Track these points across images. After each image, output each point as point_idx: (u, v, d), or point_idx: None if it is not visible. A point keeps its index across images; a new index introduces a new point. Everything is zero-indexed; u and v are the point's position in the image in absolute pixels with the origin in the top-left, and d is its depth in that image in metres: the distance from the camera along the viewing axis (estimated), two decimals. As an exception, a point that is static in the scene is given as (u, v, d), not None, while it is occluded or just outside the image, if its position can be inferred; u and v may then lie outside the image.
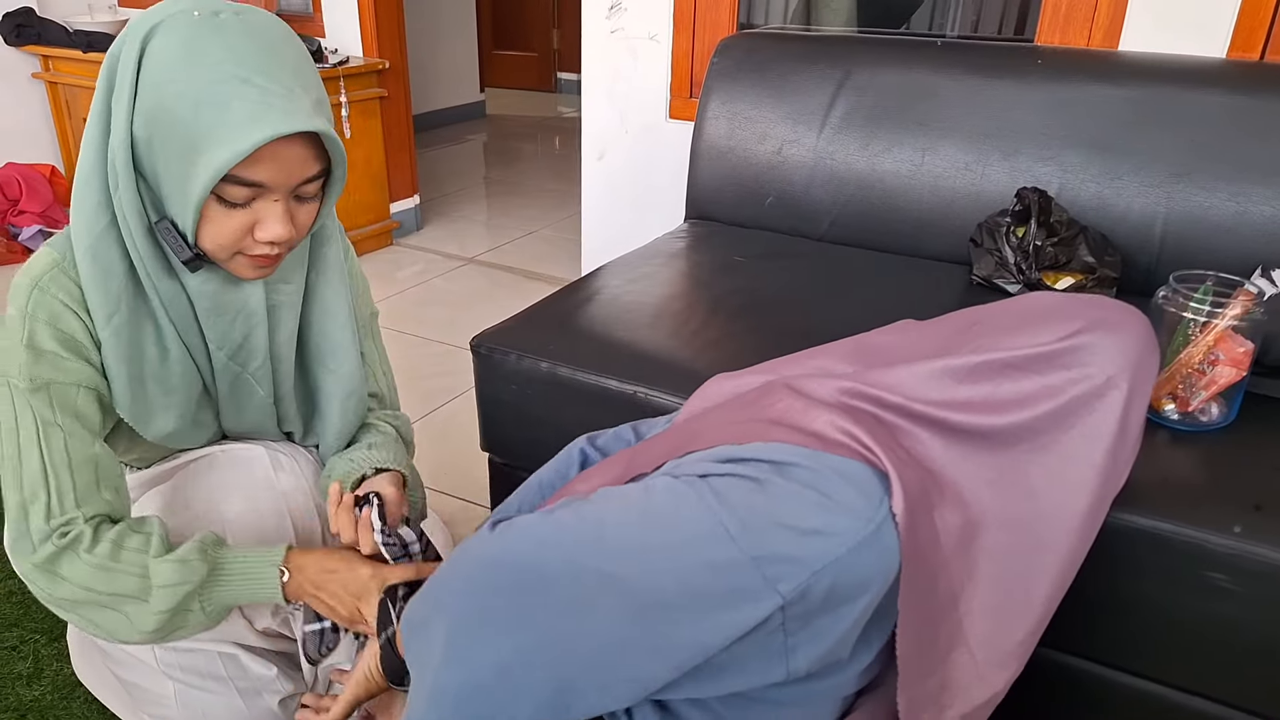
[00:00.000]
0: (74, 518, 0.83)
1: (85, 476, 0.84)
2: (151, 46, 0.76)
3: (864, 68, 1.63)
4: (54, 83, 3.07)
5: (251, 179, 0.78)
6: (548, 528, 0.67)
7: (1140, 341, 0.83)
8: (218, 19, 0.76)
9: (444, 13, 4.74)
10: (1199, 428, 1.03)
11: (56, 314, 0.83)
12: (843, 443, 0.74)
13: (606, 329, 1.31)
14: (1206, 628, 0.92)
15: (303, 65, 0.80)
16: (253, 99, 0.74)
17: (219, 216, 0.80)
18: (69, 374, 0.84)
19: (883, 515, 0.70)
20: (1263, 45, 1.52)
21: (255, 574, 0.89)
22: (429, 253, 3.09)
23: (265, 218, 0.80)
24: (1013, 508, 0.79)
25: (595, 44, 2.14)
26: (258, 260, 0.84)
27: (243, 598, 0.90)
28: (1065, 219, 1.37)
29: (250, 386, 0.97)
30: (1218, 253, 1.35)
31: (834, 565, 0.66)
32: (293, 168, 0.79)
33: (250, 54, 0.76)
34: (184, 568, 0.85)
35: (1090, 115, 1.44)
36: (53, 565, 0.82)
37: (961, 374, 0.81)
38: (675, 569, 0.63)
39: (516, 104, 5.68)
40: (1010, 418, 0.80)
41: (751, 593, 0.64)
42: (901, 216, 1.58)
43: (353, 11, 2.92)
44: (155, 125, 0.77)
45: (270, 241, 0.82)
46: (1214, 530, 0.89)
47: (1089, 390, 0.80)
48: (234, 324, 0.91)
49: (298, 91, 0.77)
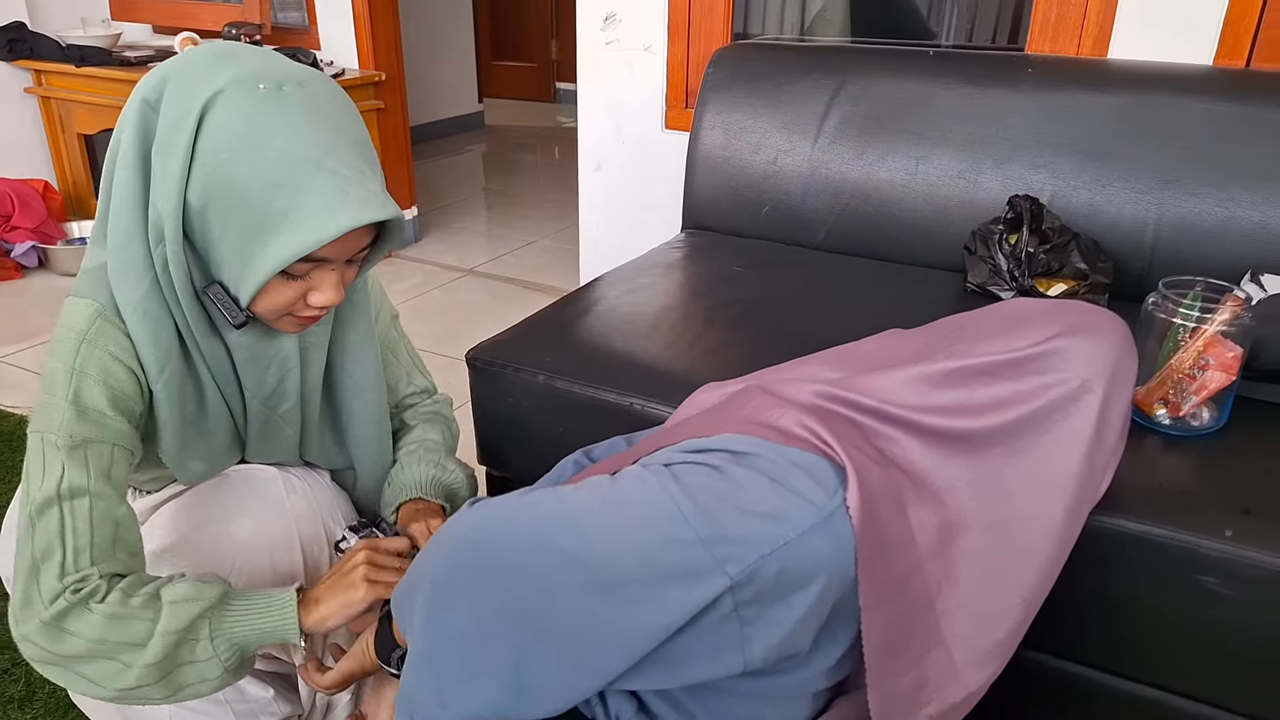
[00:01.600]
0: (89, 574, 0.78)
1: (104, 537, 0.80)
2: (212, 118, 0.74)
3: (857, 77, 1.64)
4: (47, 97, 3.08)
5: (319, 256, 0.78)
6: (519, 506, 0.70)
7: (1116, 346, 0.84)
8: (282, 93, 0.75)
9: (442, 24, 4.76)
10: (1190, 432, 1.04)
11: (108, 369, 0.82)
12: (803, 437, 0.76)
13: (603, 340, 1.32)
14: (1199, 631, 0.93)
15: (364, 140, 0.81)
16: (329, 187, 0.75)
17: (278, 288, 0.80)
18: (109, 433, 0.82)
19: (835, 505, 0.72)
20: (1248, 52, 1.53)
21: (269, 604, 0.84)
22: (428, 264, 3.10)
23: (321, 285, 0.81)
24: (991, 510, 0.80)
25: (591, 55, 2.15)
26: (303, 320, 0.85)
27: (256, 630, 0.83)
28: (1057, 226, 1.38)
29: (279, 427, 0.98)
30: (1208, 258, 1.36)
31: (783, 550, 0.68)
32: (354, 243, 0.81)
33: (319, 134, 0.75)
34: (197, 586, 0.82)
35: (1081, 123, 1.46)
36: (60, 622, 0.77)
37: (938, 379, 0.83)
38: (633, 548, 0.66)
39: (515, 114, 5.70)
40: (986, 421, 0.81)
41: (701, 572, 0.65)
42: (897, 225, 1.59)
43: (348, 24, 2.94)
44: (215, 198, 0.75)
45: (322, 306, 0.83)
46: (1206, 534, 0.90)
47: (1063, 395, 0.81)
48: (268, 371, 0.92)
49: (367, 173, 0.77)
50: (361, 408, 1.02)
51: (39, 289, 2.81)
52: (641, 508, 0.69)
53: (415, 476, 1.06)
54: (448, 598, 0.66)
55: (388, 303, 1.13)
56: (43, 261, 2.92)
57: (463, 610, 0.66)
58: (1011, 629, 0.81)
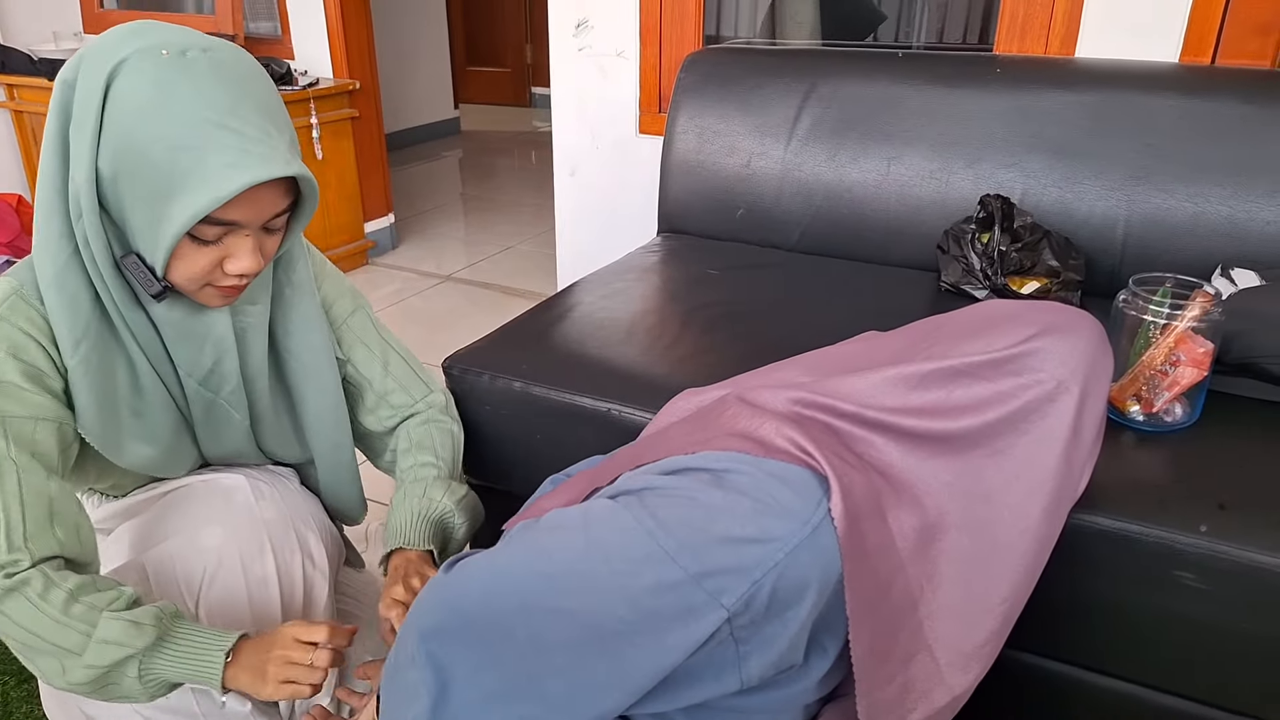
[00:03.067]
0: (19, 558, 0.79)
1: (37, 513, 0.81)
2: (117, 85, 0.75)
3: (828, 80, 1.65)
4: (19, 111, 3.04)
5: (226, 219, 0.78)
6: (495, 570, 0.68)
7: (1091, 345, 0.85)
8: (185, 58, 0.76)
9: (416, 31, 4.74)
10: (1164, 428, 1.04)
11: (18, 344, 0.82)
12: (783, 448, 0.75)
13: (580, 346, 1.31)
14: (1177, 626, 0.93)
15: (273, 103, 0.81)
16: (230, 145, 0.75)
17: (190, 254, 0.80)
18: (28, 406, 0.82)
19: (820, 517, 0.71)
20: (1213, 49, 1.55)
21: (201, 655, 0.84)
22: (405, 271, 3.09)
23: (236, 252, 0.81)
24: (971, 511, 0.80)
25: (563, 61, 2.15)
26: (225, 290, 0.85)
27: (183, 675, 0.85)
28: (1029, 224, 1.39)
29: (225, 412, 0.96)
30: (1178, 253, 1.38)
31: (774, 571, 0.68)
32: (265, 206, 0.80)
33: (223, 96, 0.76)
34: (133, 629, 0.82)
35: (1050, 121, 1.47)
36: (1, 603, 0.79)
37: (914, 380, 0.83)
38: (624, 597, 0.65)
39: (491, 119, 5.68)
40: (964, 422, 0.81)
41: (697, 609, 0.65)
42: (870, 225, 1.60)
43: (322, 33, 2.92)
44: (124, 165, 0.76)
45: (240, 274, 0.82)
46: (1181, 530, 0.90)
47: (1040, 395, 0.82)
48: (202, 350, 0.91)
49: (273, 134, 0.78)
50: (314, 391, 1.01)
51: (9, 305, 2.77)
52: (624, 552, 0.67)
53: (401, 520, 1.03)
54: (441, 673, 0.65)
55: (350, 295, 1.09)
56: (13, 277, 2.88)
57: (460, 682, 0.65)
58: (993, 630, 0.81)
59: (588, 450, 1.07)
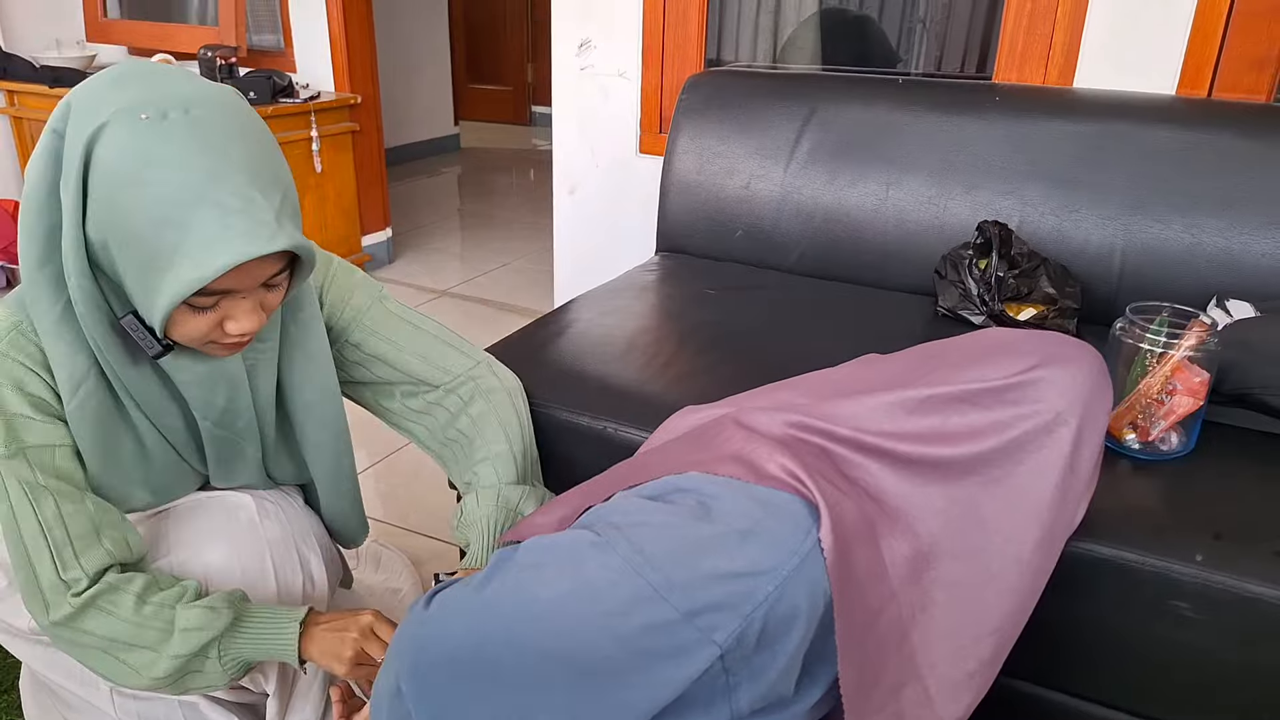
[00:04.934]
0: (78, 577, 0.83)
1: (81, 530, 0.83)
2: (98, 153, 0.72)
3: (829, 104, 1.66)
4: (19, 118, 3.04)
5: (219, 289, 0.76)
6: (479, 610, 0.66)
7: (1091, 378, 0.85)
8: (166, 122, 0.72)
9: (418, 47, 4.77)
10: (1159, 457, 1.04)
11: (19, 378, 0.82)
12: (774, 474, 0.75)
13: (577, 364, 1.31)
14: (1172, 656, 0.93)
15: (261, 162, 0.76)
16: (211, 221, 0.71)
17: (188, 319, 0.78)
18: (42, 435, 0.82)
19: (809, 546, 0.70)
20: (1209, 82, 1.57)
21: (275, 630, 0.90)
22: (401, 285, 3.08)
23: (235, 314, 0.79)
24: (964, 539, 0.80)
25: (565, 80, 2.16)
26: (230, 347, 0.83)
27: (260, 652, 0.90)
28: (1026, 251, 1.40)
29: (238, 446, 0.96)
30: (1174, 283, 1.38)
31: (764, 604, 0.67)
32: (258, 274, 0.77)
33: (204, 165, 0.72)
34: (210, 614, 0.86)
35: (1048, 150, 1.48)
36: (75, 622, 0.83)
37: (912, 406, 0.83)
38: (614, 637, 0.64)
39: (491, 137, 5.71)
40: (960, 450, 0.81)
41: (689, 648, 0.64)
42: (868, 249, 1.60)
43: (325, 47, 2.94)
44: (111, 235, 0.74)
45: (240, 334, 0.81)
46: (1177, 559, 0.90)
47: (1038, 426, 0.82)
48: (214, 392, 0.90)
49: (258, 202, 0.73)
50: (314, 426, 1.00)
51: (2, 311, 2.76)
52: (613, 591, 0.65)
53: (480, 522, 1.01)
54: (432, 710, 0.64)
55: (362, 290, 1.04)
56: (12, 282, 2.87)
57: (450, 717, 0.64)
58: (985, 660, 0.80)
59: (583, 467, 1.07)
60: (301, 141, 2.73)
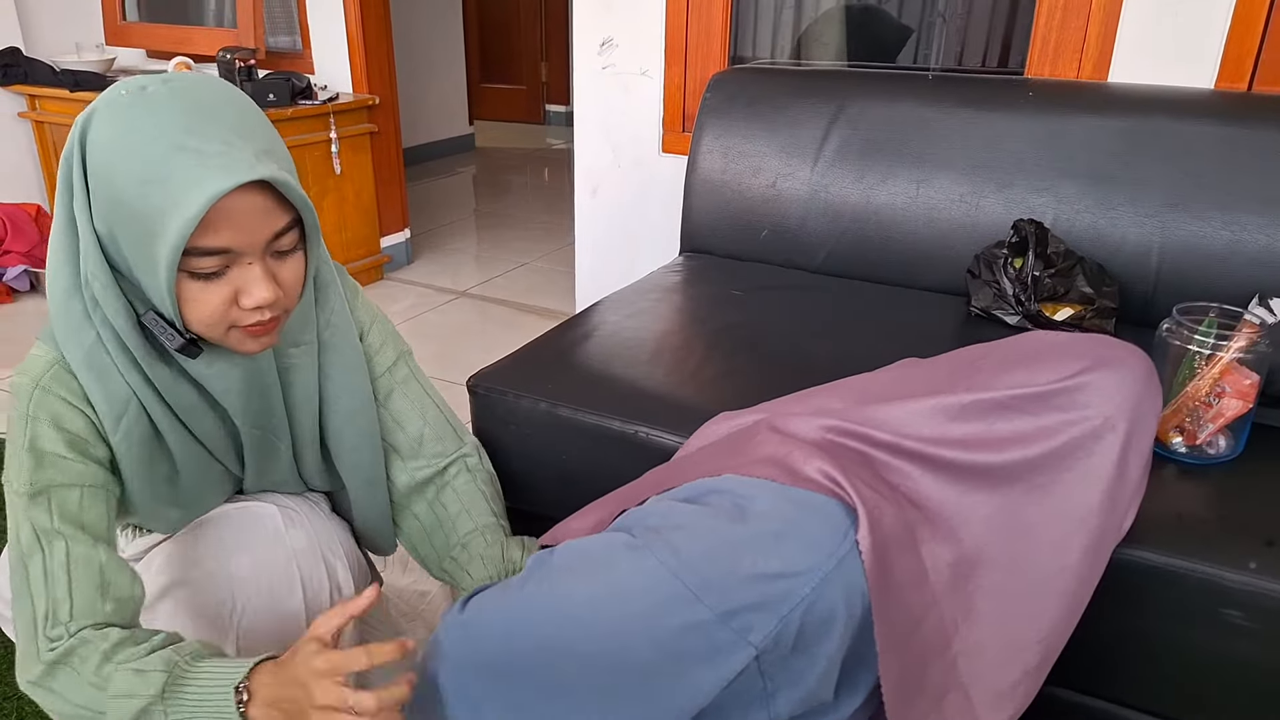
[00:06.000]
0: (61, 634, 0.77)
1: (85, 583, 0.79)
2: (90, 138, 0.73)
3: (856, 101, 1.64)
4: (40, 122, 3.05)
5: (215, 246, 0.73)
6: (516, 612, 0.66)
7: (1139, 383, 0.82)
8: (145, 93, 0.73)
9: (433, 47, 4.77)
10: (1207, 461, 1.02)
11: (59, 414, 0.80)
12: (811, 477, 0.73)
13: (605, 366, 1.29)
14: (1224, 666, 0.90)
15: (241, 118, 0.76)
16: (190, 164, 0.70)
17: (197, 294, 0.76)
18: (71, 475, 0.80)
19: (846, 549, 0.69)
20: (1250, 76, 1.53)
21: (211, 694, 0.75)
22: (420, 286, 3.08)
23: (245, 284, 0.76)
24: (1009, 546, 0.78)
25: (587, 79, 2.14)
26: (252, 330, 0.79)
27: (205, 717, 0.76)
28: (1062, 250, 1.37)
29: (272, 445, 0.95)
30: (1214, 282, 1.35)
31: (800, 605, 0.66)
32: (254, 224, 0.74)
33: (179, 118, 0.72)
34: (136, 679, 0.76)
35: (1083, 146, 1.45)
36: (46, 681, 0.77)
37: (954, 411, 0.81)
38: (650, 639, 0.63)
39: (506, 136, 5.70)
40: (1006, 456, 0.79)
41: (725, 649, 0.63)
42: (898, 248, 1.58)
43: (342, 48, 2.94)
44: (113, 218, 0.74)
45: (257, 306, 0.77)
46: (1229, 566, 0.88)
47: (1086, 432, 0.80)
48: (250, 397, 0.88)
49: (236, 144, 0.73)
50: (353, 434, 0.98)
51: (31, 313, 2.77)
52: (647, 594, 0.65)
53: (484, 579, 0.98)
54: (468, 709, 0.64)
55: (393, 343, 1.05)
56: (35, 285, 2.89)
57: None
58: (1029, 669, 0.78)
59: (614, 472, 1.05)
60: (320, 143, 2.73)
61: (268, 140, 0.77)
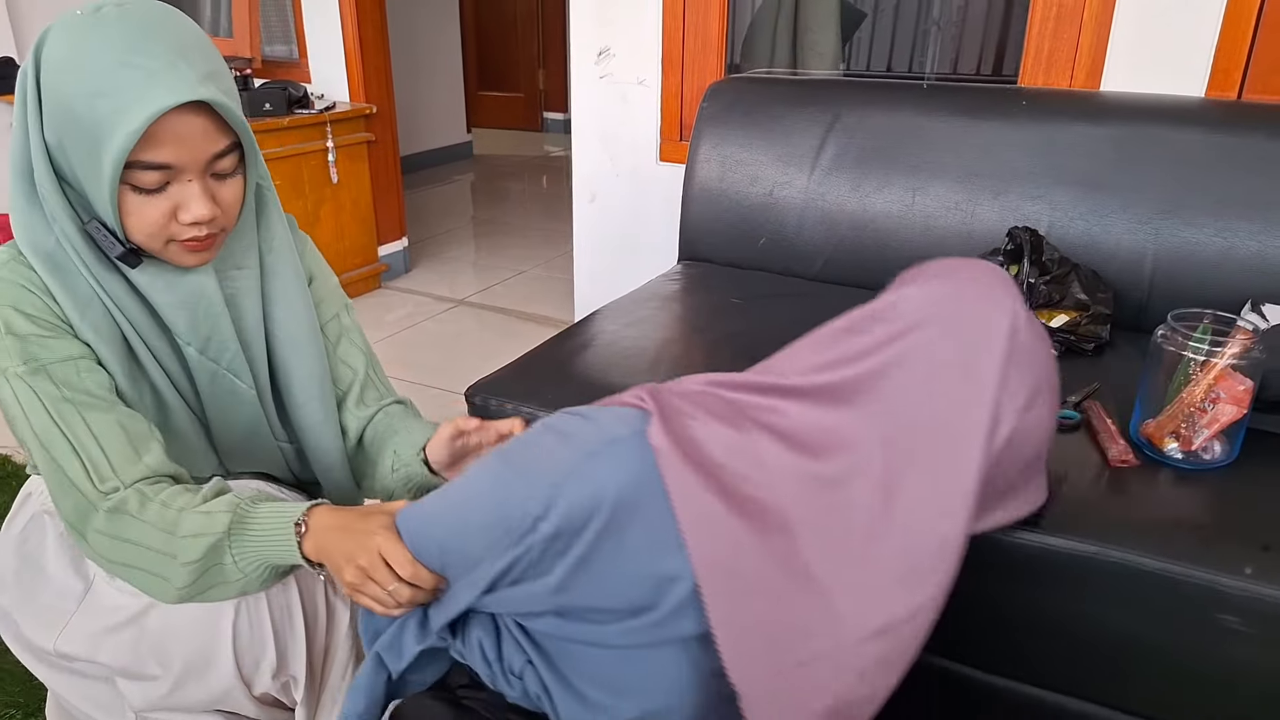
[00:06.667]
0: (115, 485, 0.82)
1: (116, 445, 0.83)
2: (44, 53, 0.78)
3: (852, 110, 1.65)
4: (39, 132, 3.06)
5: (156, 161, 0.78)
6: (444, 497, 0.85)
7: (959, 287, 0.86)
8: (99, 14, 0.78)
9: (430, 55, 4.79)
10: (1203, 466, 1.03)
11: (19, 298, 0.83)
12: (625, 400, 0.86)
13: (604, 375, 1.30)
14: (1221, 671, 0.91)
15: (189, 41, 0.80)
16: (136, 80, 0.75)
17: (138, 206, 0.80)
18: (58, 351, 0.83)
19: (628, 433, 0.80)
20: (1239, 85, 1.55)
21: (273, 530, 0.84)
22: (418, 295, 3.08)
23: (184, 200, 0.81)
24: (864, 455, 0.82)
25: (584, 88, 2.16)
26: (190, 245, 0.84)
27: (268, 554, 0.84)
28: (1057, 257, 1.38)
29: (230, 383, 0.95)
30: (1207, 287, 1.37)
31: (575, 474, 0.78)
32: (196, 143, 0.79)
33: (130, 38, 0.77)
34: (206, 519, 0.83)
35: (1076, 154, 1.47)
36: (114, 529, 0.82)
37: (825, 342, 0.89)
38: (495, 514, 0.80)
39: (503, 144, 5.72)
40: (845, 373, 0.85)
41: (516, 517, 0.78)
42: (894, 255, 1.59)
43: (339, 57, 2.94)
44: (62, 129, 0.78)
45: (194, 222, 0.81)
46: (1225, 571, 0.89)
47: (894, 335, 0.84)
48: (195, 315, 0.90)
49: (181, 65, 0.77)
50: (299, 360, 0.99)
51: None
52: (484, 479, 0.83)
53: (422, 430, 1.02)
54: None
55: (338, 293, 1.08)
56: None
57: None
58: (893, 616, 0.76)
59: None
60: (318, 152, 2.74)
61: (212, 64, 0.81)
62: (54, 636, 0.95)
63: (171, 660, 0.93)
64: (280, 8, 3.07)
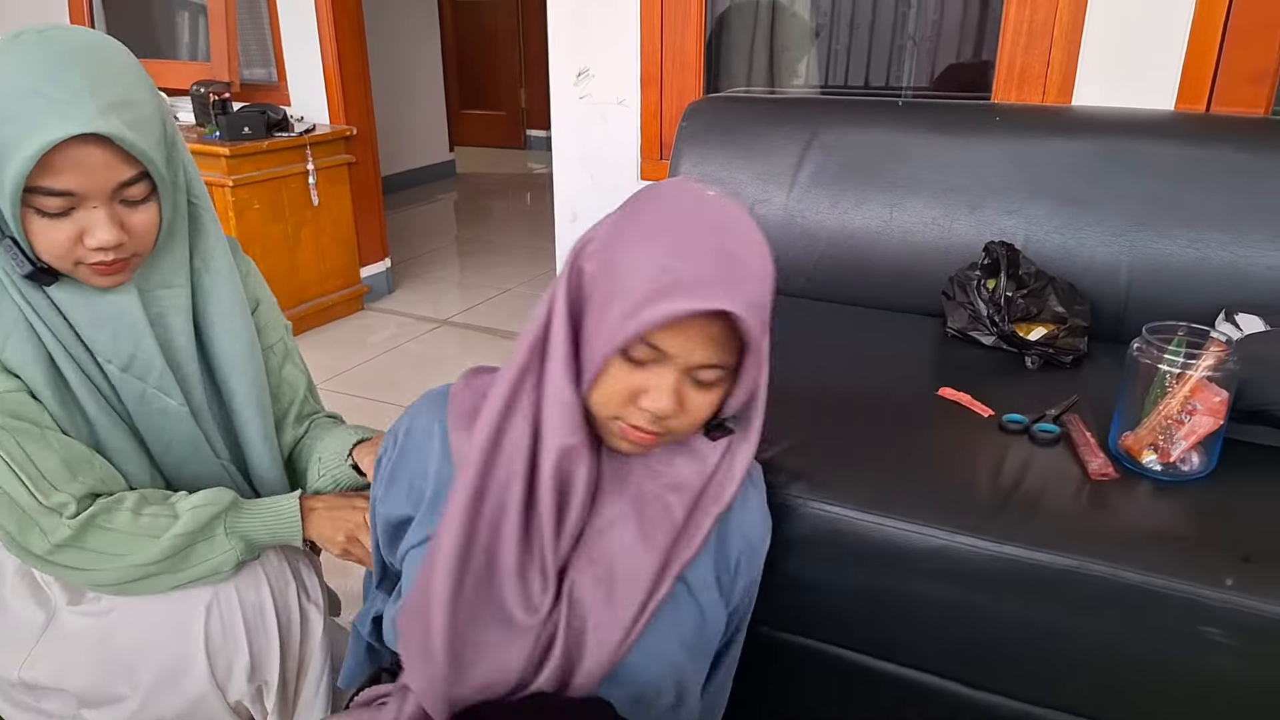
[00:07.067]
0: (64, 501, 0.85)
1: (51, 466, 0.85)
2: None
3: (829, 128, 1.66)
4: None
5: (56, 188, 0.78)
6: None
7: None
8: (18, 39, 0.79)
9: (411, 74, 4.79)
10: (1181, 478, 1.04)
11: None
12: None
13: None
14: (1204, 683, 0.92)
15: (104, 72, 0.80)
16: (38, 108, 0.76)
17: (43, 229, 0.81)
18: None
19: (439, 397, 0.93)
20: (1208, 97, 1.58)
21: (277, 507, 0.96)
22: (401, 316, 3.08)
23: (90, 225, 0.81)
24: None
25: (564, 109, 2.17)
26: (98, 269, 0.84)
27: (265, 530, 0.95)
28: (1033, 271, 1.39)
29: (161, 401, 0.94)
30: (1182, 298, 1.38)
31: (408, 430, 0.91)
32: (97, 173, 0.79)
33: (41, 65, 0.77)
34: (214, 493, 0.93)
35: (1050, 169, 1.48)
36: (78, 542, 0.85)
37: None
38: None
39: (486, 162, 5.73)
40: None
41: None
42: (874, 271, 1.60)
43: (318, 80, 2.94)
44: None
45: (99, 248, 0.82)
46: (1207, 584, 0.89)
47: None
48: (117, 335, 0.90)
49: (85, 96, 0.77)
50: (239, 379, 1.00)
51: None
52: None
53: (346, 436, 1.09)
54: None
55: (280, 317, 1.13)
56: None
57: None
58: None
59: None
60: (298, 175, 2.73)
61: (123, 95, 0.81)
62: (18, 666, 0.94)
63: (140, 675, 0.93)
64: (259, 31, 3.07)
